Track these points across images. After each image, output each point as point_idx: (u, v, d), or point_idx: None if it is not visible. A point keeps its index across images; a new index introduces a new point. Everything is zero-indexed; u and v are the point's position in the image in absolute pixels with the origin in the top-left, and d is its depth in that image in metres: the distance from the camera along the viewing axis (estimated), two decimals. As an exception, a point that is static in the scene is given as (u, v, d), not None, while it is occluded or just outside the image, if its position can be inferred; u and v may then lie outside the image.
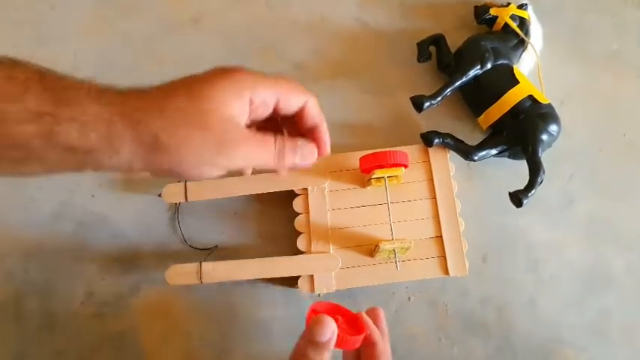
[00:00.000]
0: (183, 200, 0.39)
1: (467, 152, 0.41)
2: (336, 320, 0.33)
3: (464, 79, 0.42)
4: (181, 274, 0.37)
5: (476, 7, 0.45)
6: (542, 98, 0.41)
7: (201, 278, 0.37)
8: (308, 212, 0.39)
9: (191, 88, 0.26)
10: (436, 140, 0.41)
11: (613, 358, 0.39)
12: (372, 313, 0.33)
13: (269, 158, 0.28)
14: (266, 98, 0.28)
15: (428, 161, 0.42)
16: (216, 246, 0.40)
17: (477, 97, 0.43)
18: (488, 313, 0.40)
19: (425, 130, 0.42)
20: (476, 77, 0.42)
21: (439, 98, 0.41)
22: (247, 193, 0.39)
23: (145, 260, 0.40)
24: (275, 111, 0.29)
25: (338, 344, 0.31)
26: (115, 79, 0.44)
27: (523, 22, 0.44)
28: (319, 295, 0.38)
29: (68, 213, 0.41)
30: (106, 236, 0.40)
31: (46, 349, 0.38)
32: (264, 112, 0.29)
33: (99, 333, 0.38)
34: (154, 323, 0.39)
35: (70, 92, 0.24)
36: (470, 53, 0.42)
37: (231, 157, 0.27)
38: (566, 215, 0.43)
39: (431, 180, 0.41)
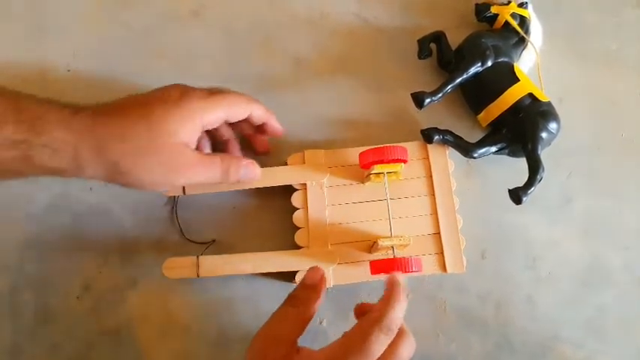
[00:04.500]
0: (181, 194, 0.39)
1: (466, 149, 0.41)
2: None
3: (464, 76, 0.41)
4: (178, 267, 0.37)
5: (477, 5, 0.45)
6: (542, 96, 0.41)
7: (198, 272, 0.37)
8: (306, 207, 0.39)
9: (150, 120, 0.30)
10: (436, 137, 0.41)
11: (610, 355, 0.40)
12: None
13: (216, 176, 0.34)
14: (215, 118, 0.33)
15: (427, 158, 0.41)
16: (214, 240, 0.40)
17: (477, 94, 0.43)
18: (486, 309, 0.40)
19: (424, 127, 0.42)
20: (476, 74, 0.42)
21: (440, 95, 0.41)
22: (245, 188, 0.39)
23: (143, 253, 0.40)
24: (226, 121, 0.35)
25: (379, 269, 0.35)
26: (113, 70, 0.44)
27: (523, 21, 0.44)
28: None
29: (65, 205, 0.40)
30: (103, 229, 0.40)
31: (42, 343, 0.38)
32: (215, 125, 0.34)
33: (95, 326, 0.38)
34: (151, 317, 0.39)
35: (42, 121, 0.28)
36: (471, 50, 0.42)
37: (181, 178, 0.32)
38: (565, 213, 0.43)
39: (430, 177, 0.41)
